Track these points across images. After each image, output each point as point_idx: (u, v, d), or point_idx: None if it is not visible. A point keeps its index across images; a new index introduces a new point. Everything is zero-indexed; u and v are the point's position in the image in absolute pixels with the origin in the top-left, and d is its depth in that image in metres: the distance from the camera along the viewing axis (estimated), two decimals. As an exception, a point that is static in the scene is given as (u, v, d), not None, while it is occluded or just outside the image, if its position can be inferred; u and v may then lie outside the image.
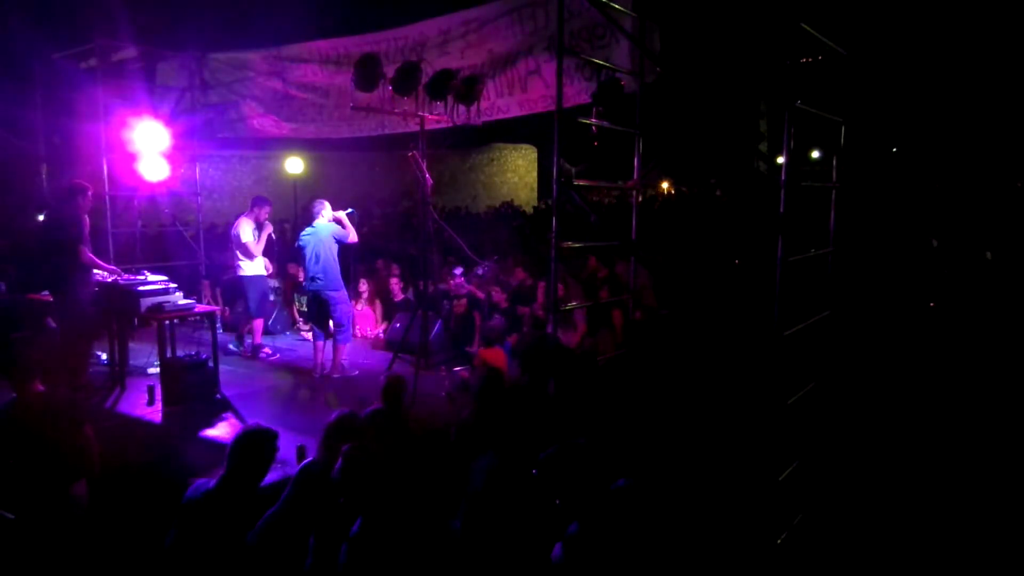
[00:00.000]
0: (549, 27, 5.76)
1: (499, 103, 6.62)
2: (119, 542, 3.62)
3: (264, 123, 8.78)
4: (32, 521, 3.36)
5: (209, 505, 3.05)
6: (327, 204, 7.11)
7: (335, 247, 6.91)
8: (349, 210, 7.13)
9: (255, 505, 3.16)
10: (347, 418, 3.45)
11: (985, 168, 17.30)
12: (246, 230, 7.70)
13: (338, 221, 7.04)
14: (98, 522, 3.65)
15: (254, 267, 7.85)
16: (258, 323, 8.00)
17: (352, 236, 7.02)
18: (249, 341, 8.06)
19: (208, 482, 3.15)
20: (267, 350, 8.00)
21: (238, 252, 7.74)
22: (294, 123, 8.49)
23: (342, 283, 7.04)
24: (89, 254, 6.27)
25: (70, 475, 3.63)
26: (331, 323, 7.07)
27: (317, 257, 6.87)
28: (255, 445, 3.16)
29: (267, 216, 7.91)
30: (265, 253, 7.92)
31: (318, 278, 6.89)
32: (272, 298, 8.72)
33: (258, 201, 7.92)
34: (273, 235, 8.09)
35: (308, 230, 7.01)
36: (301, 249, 7.02)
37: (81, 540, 3.44)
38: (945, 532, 4.01)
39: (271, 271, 8.19)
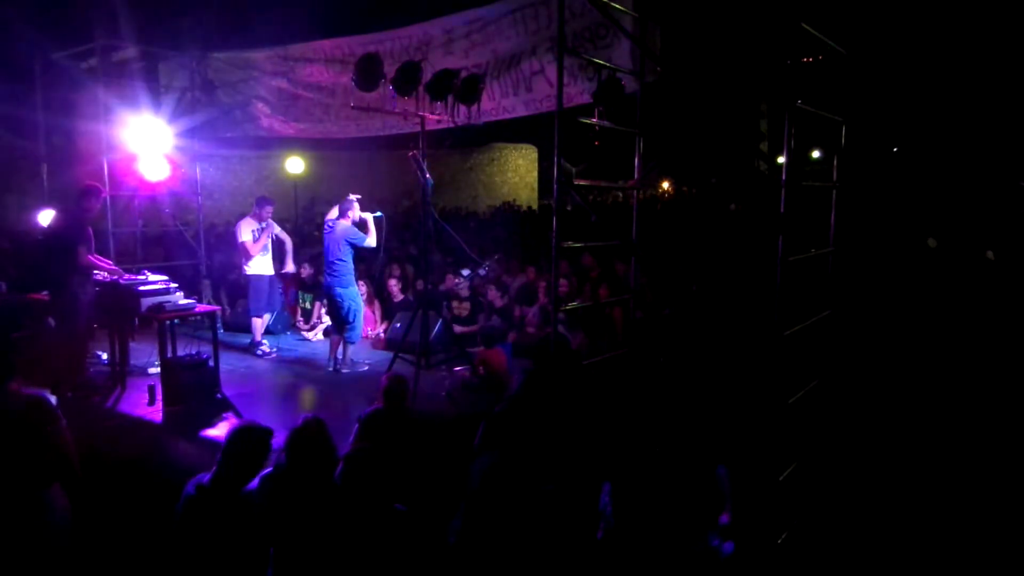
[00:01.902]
0: (552, 27, 5.76)
1: (504, 103, 6.64)
2: (118, 541, 3.61)
3: (272, 123, 8.77)
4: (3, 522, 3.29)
5: (202, 501, 3.02)
6: (356, 204, 7.14)
7: (348, 247, 7.03)
8: (377, 213, 7.14)
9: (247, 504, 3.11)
10: (310, 424, 3.27)
11: (986, 167, 17.28)
12: (244, 230, 7.91)
13: (362, 222, 7.11)
14: (90, 524, 3.61)
15: (255, 266, 7.92)
16: (257, 321, 8.04)
17: (370, 241, 7.07)
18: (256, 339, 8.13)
19: (204, 477, 3.13)
20: (264, 348, 8.01)
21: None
22: (301, 123, 8.49)
23: (352, 281, 7.18)
24: (88, 256, 6.26)
25: (41, 478, 3.55)
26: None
27: (330, 253, 7.04)
28: (247, 442, 3.12)
29: (269, 215, 8.02)
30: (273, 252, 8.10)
31: (329, 274, 7.07)
32: (278, 296, 8.66)
33: (259, 201, 8.11)
34: (275, 234, 8.14)
35: (329, 224, 7.15)
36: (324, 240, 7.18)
37: (59, 545, 3.37)
38: (945, 532, 4.01)
39: (290, 270, 8.33)
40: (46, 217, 8.09)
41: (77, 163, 8.96)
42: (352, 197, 7.19)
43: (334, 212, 7.23)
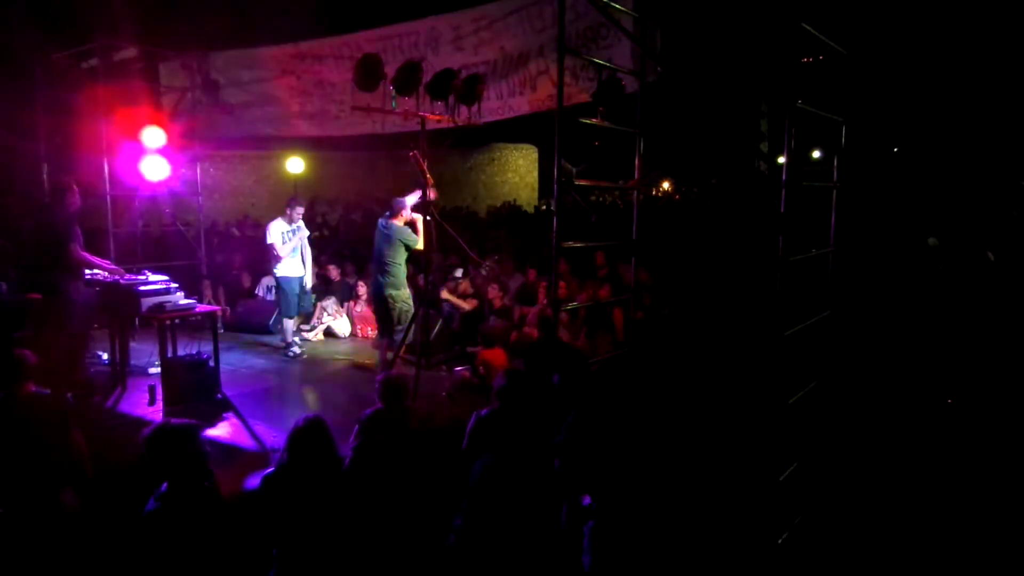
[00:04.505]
0: (556, 26, 5.80)
1: (511, 102, 6.67)
2: (118, 542, 3.60)
3: (282, 122, 8.73)
4: (16, 521, 3.29)
5: (158, 519, 2.85)
6: (408, 206, 7.02)
7: (402, 249, 6.89)
8: (428, 217, 7.02)
9: (213, 512, 2.92)
10: (310, 423, 3.24)
11: (987, 168, 17.27)
12: (274, 232, 7.83)
13: (412, 223, 7.00)
14: (93, 525, 3.60)
15: (283, 267, 7.89)
16: (287, 323, 8.04)
17: (419, 244, 6.94)
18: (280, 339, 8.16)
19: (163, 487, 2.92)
20: (296, 350, 8.01)
21: None
22: (313, 121, 8.44)
23: (404, 283, 7.04)
24: (81, 252, 6.20)
25: (56, 479, 3.54)
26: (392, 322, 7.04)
27: (382, 255, 6.88)
28: (163, 445, 2.87)
29: (300, 216, 7.99)
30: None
31: (381, 276, 6.92)
32: (307, 298, 8.52)
33: (290, 202, 8.08)
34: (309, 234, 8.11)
35: (382, 222, 6.98)
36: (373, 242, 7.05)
37: (68, 545, 3.36)
38: (945, 532, 4.01)
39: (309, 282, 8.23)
40: (46, 217, 8.08)
41: (77, 163, 8.94)
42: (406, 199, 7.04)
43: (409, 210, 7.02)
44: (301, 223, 8.02)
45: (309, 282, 8.23)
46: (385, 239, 6.90)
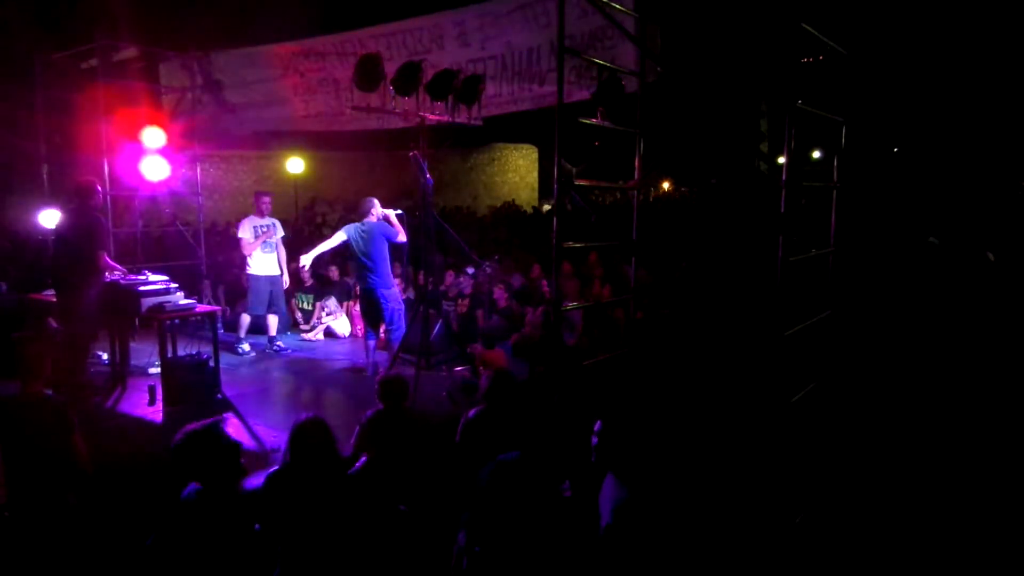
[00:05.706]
0: (566, 25, 5.83)
1: (518, 97, 6.70)
2: (117, 542, 3.61)
3: (287, 120, 8.73)
4: (22, 523, 3.29)
5: (190, 511, 2.86)
6: (376, 202, 7.12)
7: (386, 245, 6.97)
8: (398, 211, 7.14)
9: (235, 509, 2.92)
10: (311, 421, 3.23)
11: (987, 168, 17.27)
12: (245, 227, 7.91)
13: (386, 219, 7.08)
14: (92, 525, 3.60)
15: (253, 265, 7.89)
16: (271, 319, 8.05)
17: (401, 236, 7.06)
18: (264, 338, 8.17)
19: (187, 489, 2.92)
20: (244, 347, 8.02)
21: None
22: (319, 118, 8.44)
23: (392, 281, 7.10)
24: (107, 259, 6.22)
25: (61, 481, 3.55)
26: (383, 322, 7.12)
27: (368, 254, 6.91)
28: (194, 447, 2.87)
29: (268, 206, 8.02)
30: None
31: (370, 275, 6.95)
32: (281, 301, 8.46)
33: (256, 195, 8.13)
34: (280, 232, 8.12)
35: (357, 226, 7.05)
36: (348, 246, 7.07)
37: (68, 545, 3.36)
38: (946, 532, 4.01)
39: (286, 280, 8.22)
40: (46, 217, 8.08)
41: (77, 163, 8.94)
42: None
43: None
44: (276, 222, 8.03)
45: (285, 282, 8.23)
46: (366, 239, 6.93)
